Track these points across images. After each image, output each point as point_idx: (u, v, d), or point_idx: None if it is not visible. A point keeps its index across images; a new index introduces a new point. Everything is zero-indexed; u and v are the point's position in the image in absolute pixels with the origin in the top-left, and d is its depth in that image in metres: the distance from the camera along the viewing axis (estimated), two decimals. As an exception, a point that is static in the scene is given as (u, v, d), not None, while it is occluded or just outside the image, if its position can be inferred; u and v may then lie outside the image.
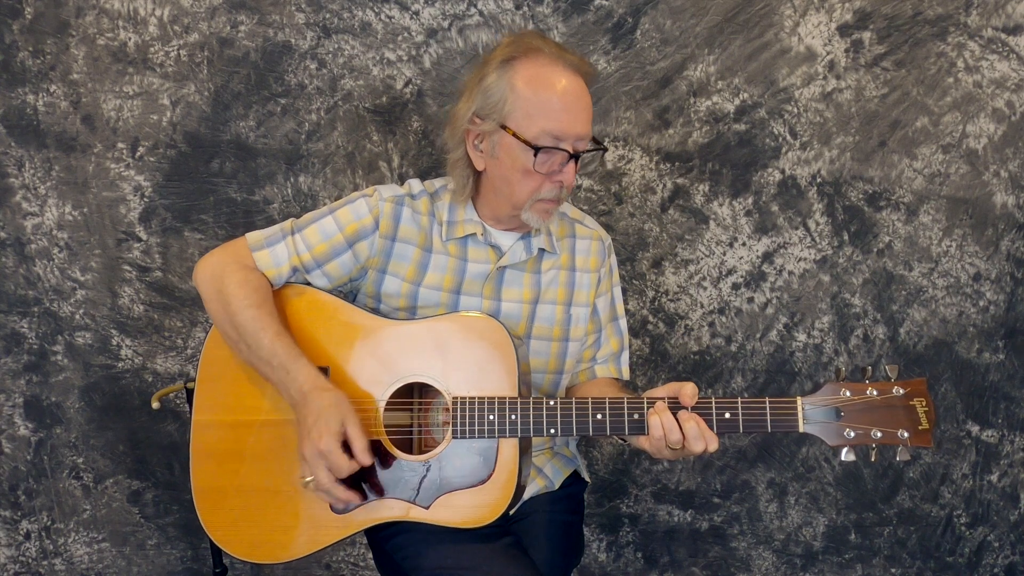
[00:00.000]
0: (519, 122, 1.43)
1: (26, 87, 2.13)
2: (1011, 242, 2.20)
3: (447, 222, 1.55)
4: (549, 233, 1.60)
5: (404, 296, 1.54)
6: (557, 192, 1.47)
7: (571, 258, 1.62)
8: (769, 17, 2.12)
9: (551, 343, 1.59)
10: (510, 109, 1.43)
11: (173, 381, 2.23)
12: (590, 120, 1.46)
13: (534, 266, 1.59)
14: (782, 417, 1.30)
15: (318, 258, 1.52)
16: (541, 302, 1.58)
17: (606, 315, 1.67)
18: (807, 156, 2.17)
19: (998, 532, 2.32)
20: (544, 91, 1.42)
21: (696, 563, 2.36)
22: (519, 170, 1.45)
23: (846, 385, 1.30)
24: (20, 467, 2.28)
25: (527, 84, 1.43)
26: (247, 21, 2.12)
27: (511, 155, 1.45)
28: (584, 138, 1.45)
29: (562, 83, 1.43)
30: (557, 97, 1.42)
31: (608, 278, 1.68)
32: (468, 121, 1.48)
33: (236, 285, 1.46)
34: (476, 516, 1.40)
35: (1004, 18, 2.12)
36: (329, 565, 2.34)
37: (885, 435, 1.27)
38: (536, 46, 1.45)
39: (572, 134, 1.43)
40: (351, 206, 1.54)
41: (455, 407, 1.40)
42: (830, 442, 1.30)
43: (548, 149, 1.42)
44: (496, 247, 1.56)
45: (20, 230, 2.18)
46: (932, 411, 1.27)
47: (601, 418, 1.36)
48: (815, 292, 2.23)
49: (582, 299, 1.62)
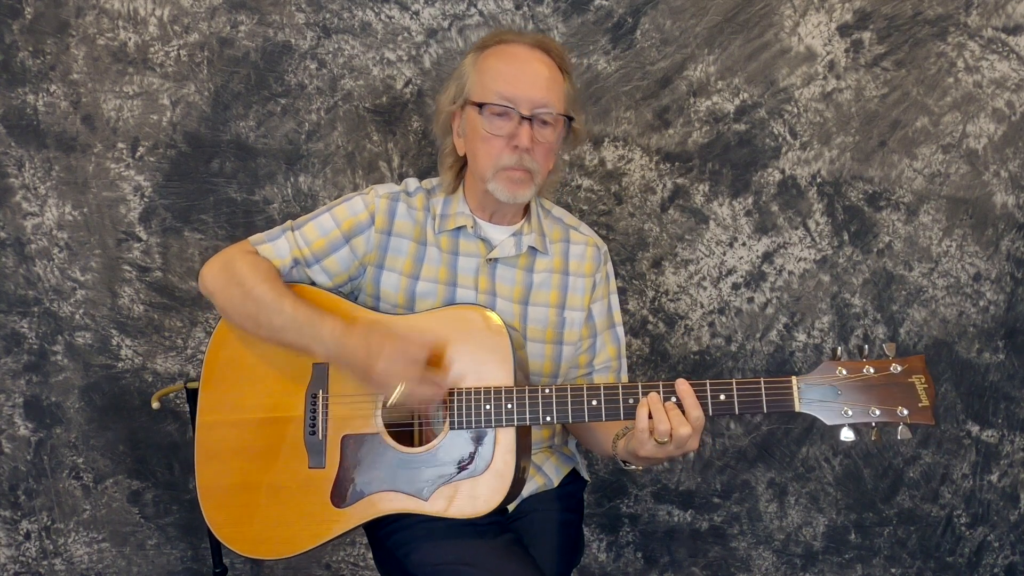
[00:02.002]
0: (477, 93, 1.51)
1: (26, 87, 2.13)
2: (1011, 242, 2.20)
3: (440, 215, 1.58)
4: (542, 234, 1.61)
5: (403, 291, 1.56)
6: (517, 159, 1.49)
7: (564, 262, 1.63)
8: (769, 17, 2.12)
9: (544, 345, 1.60)
10: (472, 83, 1.52)
11: (173, 381, 2.23)
12: (550, 90, 1.49)
13: (526, 263, 1.60)
14: (778, 397, 1.29)
15: (317, 253, 1.55)
16: (532, 304, 1.59)
17: (602, 321, 1.66)
18: (807, 156, 2.17)
19: (998, 532, 2.32)
20: (499, 61, 1.51)
21: (696, 563, 2.36)
22: (479, 138, 1.50)
23: (842, 364, 1.27)
24: (20, 467, 2.28)
25: (486, 59, 1.52)
26: (247, 21, 2.12)
27: (472, 126, 1.51)
28: (540, 104, 1.48)
29: (516, 52, 1.51)
30: (507, 63, 1.50)
31: (604, 284, 1.67)
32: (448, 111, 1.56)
33: (248, 266, 1.51)
34: (474, 507, 1.41)
35: (1004, 18, 2.12)
36: (329, 565, 2.34)
37: (884, 413, 1.24)
38: (509, 37, 1.54)
39: (524, 97, 1.47)
40: (348, 203, 1.58)
41: (452, 399, 1.42)
42: (828, 421, 1.27)
43: (494, 106, 1.47)
44: (486, 240, 1.58)
45: (20, 230, 2.18)
46: (931, 388, 1.24)
47: (596, 404, 1.37)
48: (815, 292, 2.23)
49: (576, 303, 1.62)
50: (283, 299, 1.46)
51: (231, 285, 1.50)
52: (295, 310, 1.46)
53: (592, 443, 1.63)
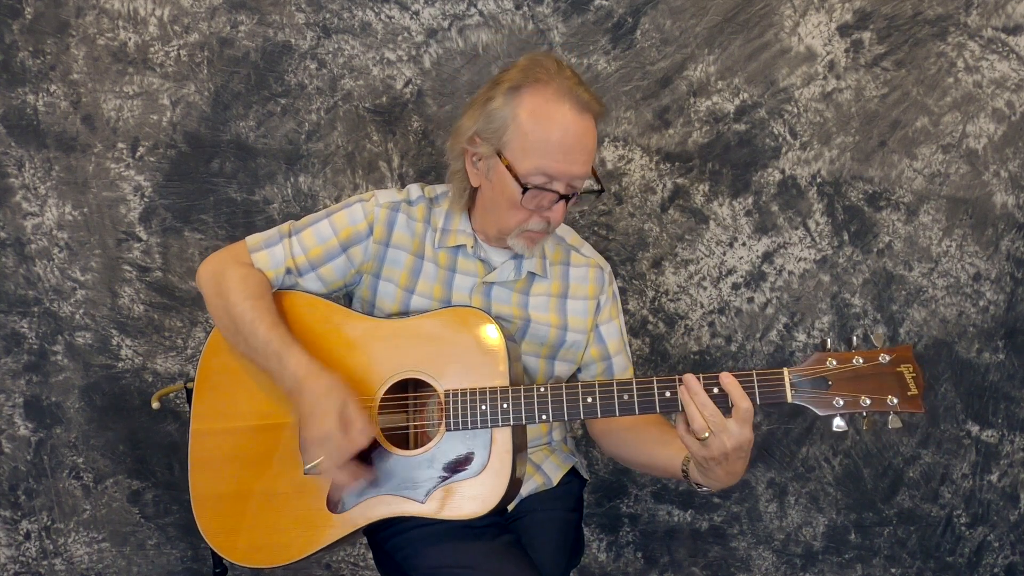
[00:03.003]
0: (515, 154, 1.41)
1: (26, 87, 2.13)
2: (1011, 242, 2.20)
3: (441, 229, 1.55)
4: (543, 256, 1.59)
5: (398, 303, 1.55)
6: (544, 226, 1.47)
7: (563, 285, 1.60)
8: (769, 17, 2.12)
9: (539, 360, 1.58)
10: (508, 139, 1.41)
11: (173, 381, 2.23)
12: (589, 162, 1.43)
13: (523, 287, 1.57)
14: (770, 388, 1.29)
15: (313, 261, 1.54)
16: (532, 321, 1.57)
17: (615, 343, 1.64)
18: (807, 156, 2.17)
19: (998, 532, 2.32)
20: (544, 129, 1.39)
21: (696, 563, 2.36)
22: (507, 200, 1.44)
23: (832, 355, 1.29)
24: (20, 467, 2.28)
25: (529, 117, 1.39)
26: (247, 21, 2.12)
27: (502, 184, 1.44)
28: (580, 178, 1.43)
29: (564, 122, 1.39)
30: (556, 137, 1.39)
31: (611, 305, 1.64)
32: (468, 140, 1.46)
33: (235, 280, 1.49)
34: (472, 508, 1.40)
35: (1004, 18, 2.12)
36: (329, 565, 2.34)
37: (874, 402, 1.25)
38: (547, 77, 1.40)
39: (566, 175, 1.41)
40: (348, 211, 1.55)
41: (447, 400, 1.41)
42: (820, 412, 1.28)
43: (537, 189, 1.41)
44: (486, 262, 1.56)
45: (20, 230, 2.18)
46: (920, 377, 1.25)
47: (591, 401, 1.36)
48: (815, 292, 2.23)
49: (578, 325, 1.59)
50: (259, 323, 1.43)
51: (217, 296, 1.50)
52: (268, 337, 1.42)
53: (655, 468, 1.55)
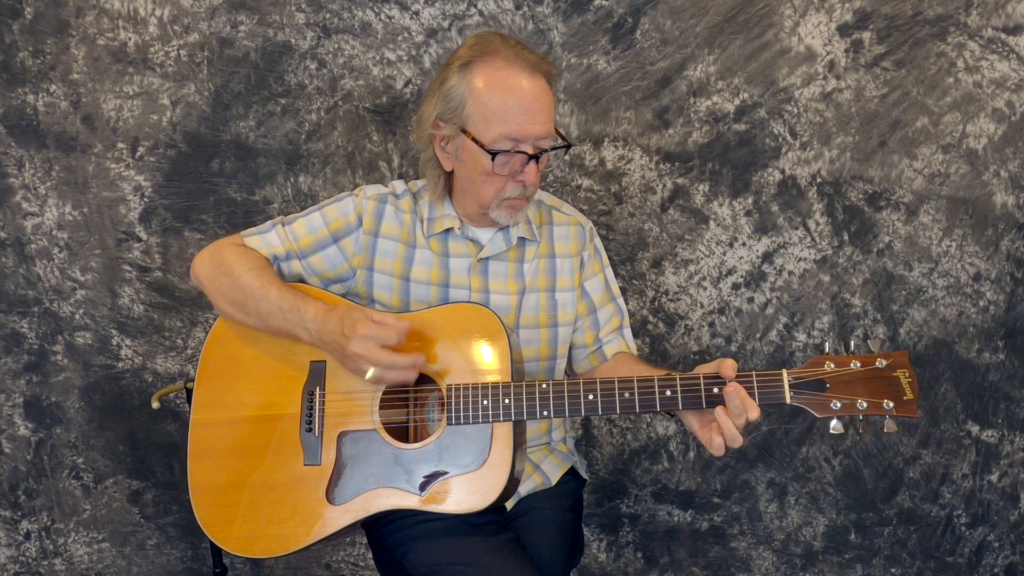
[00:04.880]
0: (477, 126, 1.45)
1: (26, 87, 2.13)
2: (1011, 242, 2.20)
3: (427, 219, 1.59)
4: (529, 222, 1.63)
5: (396, 293, 1.57)
6: (522, 191, 1.50)
7: (550, 245, 1.65)
8: (769, 17, 2.12)
9: (539, 330, 1.61)
10: (469, 113, 1.45)
11: (173, 381, 2.23)
12: (550, 119, 1.47)
13: (517, 255, 1.61)
14: (769, 390, 1.32)
15: (304, 249, 1.57)
16: (527, 292, 1.61)
17: (600, 296, 1.68)
18: (807, 156, 2.17)
19: (998, 532, 2.32)
20: (500, 95, 1.43)
21: (696, 563, 2.36)
22: (481, 173, 1.48)
23: (830, 358, 1.32)
24: (20, 467, 2.28)
25: (485, 87, 1.44)
26: (247, 21, 2.12)
27: (472, 158, 1.48)
28: (544, 137, 1.47)
29: (519, 85, 1.43)
30: (514, 100, 1.43)
31: (594, 260, 1.68)
32: (432, 125, 1.51)
33: (236, 255, 1.53)
34: (471, 503, 1.41)
35: (1004, 18, 2.12)
36: (329, 565, 2.34)
37: (871, 405, 1.29)
38: (494, 48, 1.46)
39: (531, 135, 1.44)
40: (338, 204, 1.59)
41: (449, 395, 1.42)
42: (817, 413, 1.31)
43: (505, 153, 1.45)
44: (475, 240, 1.60)
45: (20, 230, 2.18)
46: (916, 382, 1.30)
47: (593, 398, 1.38)
48: (815, 292, 2.23)
49: (565, 284, 1.64)
50: (269, 286, 1.48)
51: (220, 274, 1.53)
52: (280, 297, 1.47)
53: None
